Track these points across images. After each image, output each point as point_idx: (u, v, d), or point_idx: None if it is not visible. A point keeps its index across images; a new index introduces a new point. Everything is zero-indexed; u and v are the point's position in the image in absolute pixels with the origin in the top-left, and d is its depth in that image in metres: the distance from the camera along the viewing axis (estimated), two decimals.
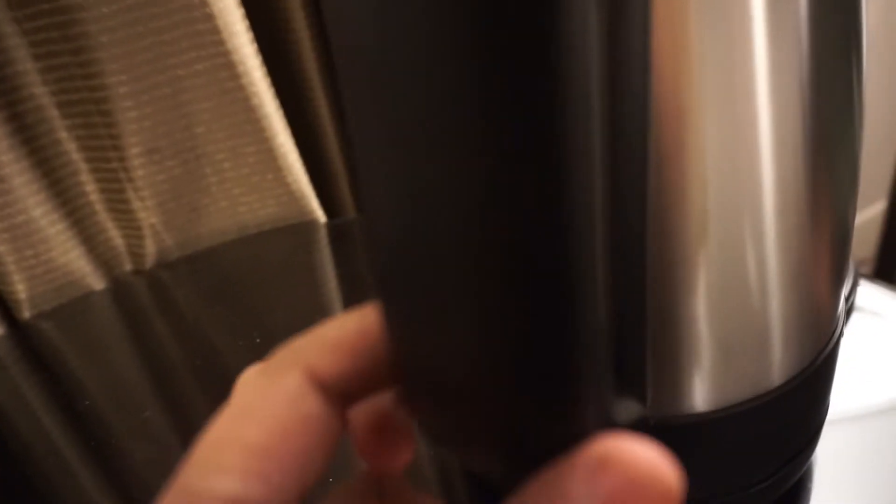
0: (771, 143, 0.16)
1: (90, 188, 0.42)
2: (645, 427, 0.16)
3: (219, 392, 0.13)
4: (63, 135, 0.41)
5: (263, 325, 0.39)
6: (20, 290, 0.42)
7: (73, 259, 0.43)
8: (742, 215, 0.17)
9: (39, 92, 0.39)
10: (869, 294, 0.30)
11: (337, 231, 0.48)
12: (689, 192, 0.16)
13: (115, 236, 0.45)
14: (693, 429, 0.18)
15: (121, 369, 0.41)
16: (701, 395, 0.18)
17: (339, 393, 0.13)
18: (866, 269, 0.76)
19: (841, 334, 0.20)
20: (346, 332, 0.13)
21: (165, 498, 0.11)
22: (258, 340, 0.37)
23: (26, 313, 0.43)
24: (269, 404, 0.12)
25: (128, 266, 0.46)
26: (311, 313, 0.39)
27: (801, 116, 0.16)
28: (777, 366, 0.19)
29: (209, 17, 0.39)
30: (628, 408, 0.12)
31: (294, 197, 0.45)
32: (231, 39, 0.40)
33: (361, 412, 0.14)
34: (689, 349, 0.18)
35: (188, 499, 0.11)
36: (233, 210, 0.45)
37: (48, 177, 0.41)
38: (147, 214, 0.44)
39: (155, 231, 0.45)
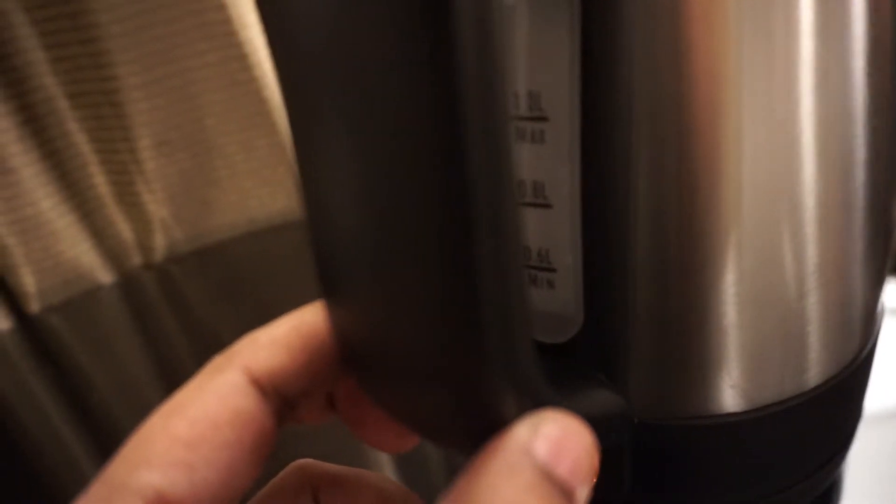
0: (811, 138, 0.15)
1: (99, 181, 0.42)
2: (630, 424, 0.15)
3: None
4: (72, 126, 0.40)
5: (273, 319, 0.39)
6: (28, 283, 0.41)
7: (82, 252, 0.43)
8: (779, 209, 0.16)
9: (49, 83, 0.39)
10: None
11: None
12: (723, 190, 0.15)
13: (125, 229, 0.44)
14: (727, 429, 0.17)
15: (129, 364, 0.41)
16: (734, 395, 0.18)
17: (277, 391, 0.13)
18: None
19: (878, 335, 0.19)
20: (282, 330, 0.14)
21: (89, 492, 0.11)
22: None
23: (35, 306, 0.42)
24: (200, 399, 0.13)
25: (137, 259, 0.46)
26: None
27: (845, 109, 0.16)
28: (813, 367, 0.18)
29: (220, 8, 0.38)
30: (606, 401, 0.13)
31: None
32: (242, 31, 0.39)
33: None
34: (720, 347, 0.17)
35: (111, 492, 0.11)
36: (244, 204, 0.45)
37: (57, 169, 0.40)
38: (157, 207, 0.44)
39: (165, 224, 0.44)
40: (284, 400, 0.13)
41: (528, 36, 0.13)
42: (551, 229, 0.14)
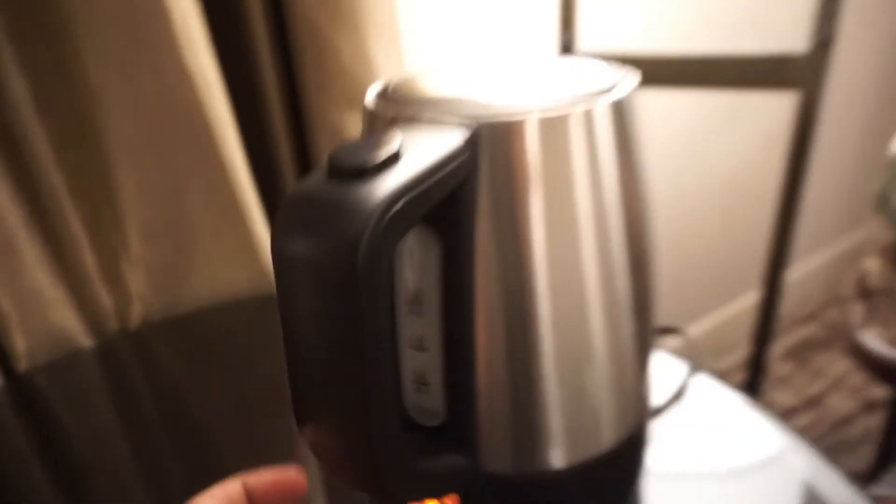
0: (595, 292, 0.26)
1: (90, 261, 0.50)
2: (474, 477, 0.25)
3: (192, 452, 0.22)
4: (72, 216, 0.48)
5: (237, 386, 0.46)
6: (20, 345, 0.48)
7: (67, 318, 0.50)
8: (584, 328, 0.26)
9: (56, 181, 0.47)
10: (703, 383, 0.40)
11: None
12: (539, 324, 0.25)
13: (107, 300, 0.52)
14: (545, 478, 0.27)
15: (103, 423, 0.47)
16: (554, 456, 0.27)
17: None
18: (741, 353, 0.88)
19: (649, 415, 0.30)
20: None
21: None
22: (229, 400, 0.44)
23: (23, 364, 0.49)
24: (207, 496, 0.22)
25: (115, 326, 0.53)
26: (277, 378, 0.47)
27: (611, 270, 0.26)
28: (605, 433, 0.28)
29: (207, 128, 0.48)
30: (453, 461, 0.22)
31: (264, 273, 0.54)
32: (224, 146, 0.49)
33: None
34: (538, 428, 0.27)
35: None
36: (213, 280, 0.53)
37: (56, 250, 0.48)
38: (137, 282, 0.52)
39: (141, 296, 0.52)
40: None
41: (415, 259, 0.23)
42: (426, 362, 0.24)
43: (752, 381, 0.74)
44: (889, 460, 0.57)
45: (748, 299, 1.41)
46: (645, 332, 0.28)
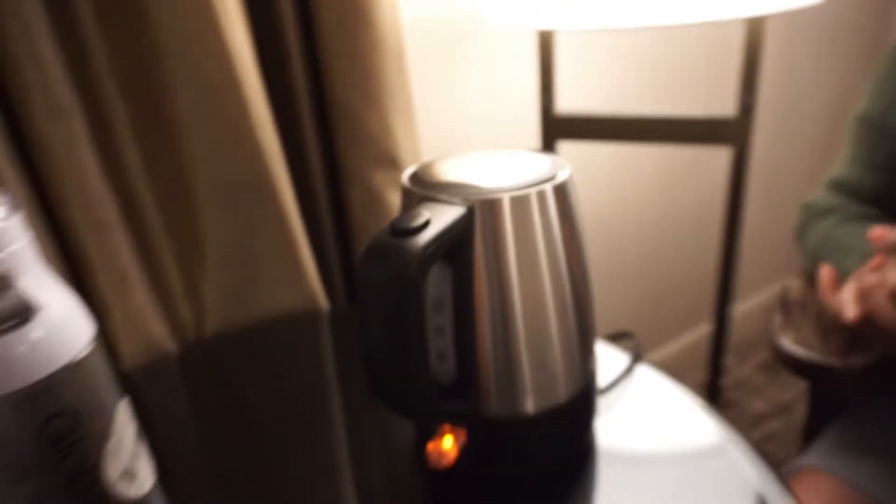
0: (551, 302, 0.41)
1: (178, 283, 0.65)
2: (476, 418, 0.40)
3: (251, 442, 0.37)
4: (166, 250, 0.63)
5: (287, 385, 0.61)
6: (125, 350, 0.63)
7: (159, 329, 0.65)
8: (543, 321, 0.41)
9: (157, 225, 0.62)
10: (646, 373, 0.55)
11: (337, 319, 0.71)
12: (515, 319, 0.40)
13: (188, 314, 0.67)
14: (521, 424, 0.42)
15: (180, 416, 0.61)
16: (523, 404, 0.42)
17: None
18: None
19: (593, 380, 0.45)
20: None
21: None
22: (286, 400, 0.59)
23: (126, 365, 0.64)
24: None
25: (192, 334, 0.68)
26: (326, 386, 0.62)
27: (559, 286, 0.41)
28: (561, 389, 0.43)
29: (271, 187, 0.63)
30: (461, 407, 0.37)
31: (310, 294, 0.69)
32: (283, 198, 0.64)
33: None
34: (521, 381, 0.42)
35: None
36: (270, 300, 0.68)
37: (153, 276, 0.63)
38: (212, 299, 0.67)
39: (215, 311, 0.67)
40: None
41: (438, 280, 0.38)
42: (444, 343, 0.39)
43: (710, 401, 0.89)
44: (811, 439, 0.71)
45: (703, 329, 1.57)
46: (586, 327, 0.43)
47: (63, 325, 0.28)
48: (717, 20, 0.63)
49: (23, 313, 0.27)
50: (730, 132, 0.79)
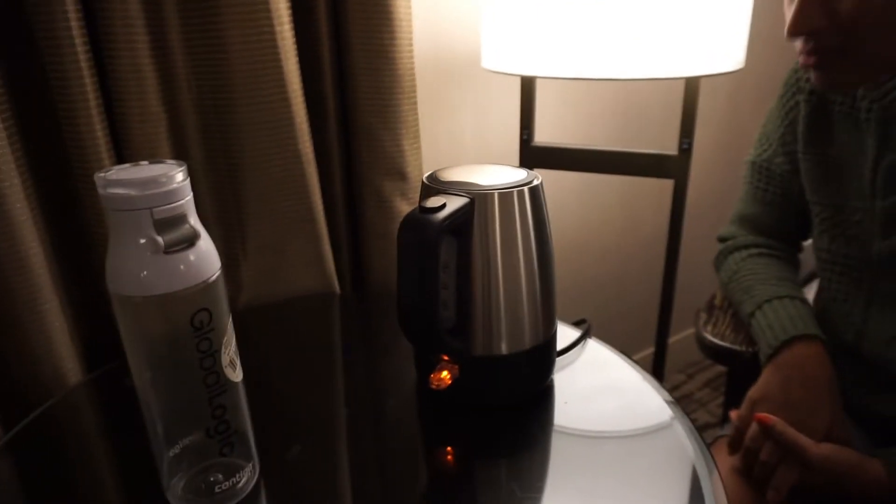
0: (523, 271, 0.57)
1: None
2: (466, 355, 0.56)
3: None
4: (215, 235, 0.78)
5: (304, 353, 0.75)
6: None
7: None
8: (517, 284, 0.57)
9: (210, 214, 0.77)
10: (595, 348, 0.71)
11: (346, 301, 0.86)
12: (498, 281, 0.56)
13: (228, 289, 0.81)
14: (497, 361, 0.57)
15: None
16: (500, 346, 0.58)
17: None
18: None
19: (553, 340, 0.61)
20: None
21: None
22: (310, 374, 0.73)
23: None
24: None
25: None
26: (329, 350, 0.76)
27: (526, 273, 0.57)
28: (528, 338, 0.59)
29: (304, 186, 0.79)
30: (458, 345, 0.54)
31: (327, 275, 0.84)
32: (313, 198, 0.80)
33: None
34: (498, 328, 0.58)
35: None
36: (295, 281, 0.83)
37: None
38: (247, 278, 0.81)
39: (248, 288, 0.82)
40: None
41: (446, 247, 0.54)
42: (448, 295, 0.54)
43: None
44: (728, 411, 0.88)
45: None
46: (548, 296, 0.59)
47: (208, 251, 0.43)
48: (661, 78, 0.81)
49: (192, 238, 0.42)
50: (673, 167, 0.98)
